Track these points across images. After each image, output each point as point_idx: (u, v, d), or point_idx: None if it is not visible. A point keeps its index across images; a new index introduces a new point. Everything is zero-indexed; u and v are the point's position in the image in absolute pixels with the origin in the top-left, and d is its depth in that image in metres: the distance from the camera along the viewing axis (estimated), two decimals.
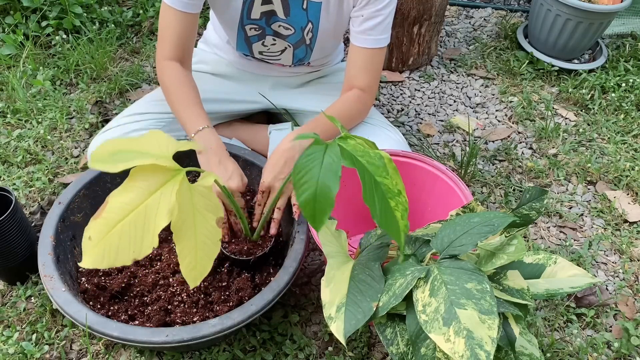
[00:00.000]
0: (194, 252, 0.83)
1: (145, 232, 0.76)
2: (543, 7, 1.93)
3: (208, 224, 0.83)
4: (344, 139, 0.81)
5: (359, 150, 0.80)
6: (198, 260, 0.83)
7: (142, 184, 0.77)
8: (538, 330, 1.21)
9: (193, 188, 0.81)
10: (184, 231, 0.80)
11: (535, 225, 1.47)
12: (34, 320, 1.18)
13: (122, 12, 2.09)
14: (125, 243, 0.75)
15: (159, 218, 0.76)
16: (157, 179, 0.78)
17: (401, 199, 0.81)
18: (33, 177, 1.48)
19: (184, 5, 1.16)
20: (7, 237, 1.14)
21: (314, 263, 1.33)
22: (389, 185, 0.80)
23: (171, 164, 0.79)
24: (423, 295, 0.80)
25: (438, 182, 1.20)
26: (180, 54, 1.22)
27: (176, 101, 1.21)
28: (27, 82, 1.78)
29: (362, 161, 0.79)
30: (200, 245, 0.83)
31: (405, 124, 1.77)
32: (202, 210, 0.82)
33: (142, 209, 0.76)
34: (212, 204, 0.83)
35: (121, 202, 0.76)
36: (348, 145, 0.80)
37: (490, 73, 2.00)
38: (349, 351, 1.16)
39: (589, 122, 1.80)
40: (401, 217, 0.81)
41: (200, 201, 0.82)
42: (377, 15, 1.20)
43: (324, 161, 0.74)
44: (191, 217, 0.81)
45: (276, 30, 1.29)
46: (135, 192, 0.77)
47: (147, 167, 0.78)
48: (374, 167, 0.79)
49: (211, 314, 1.08)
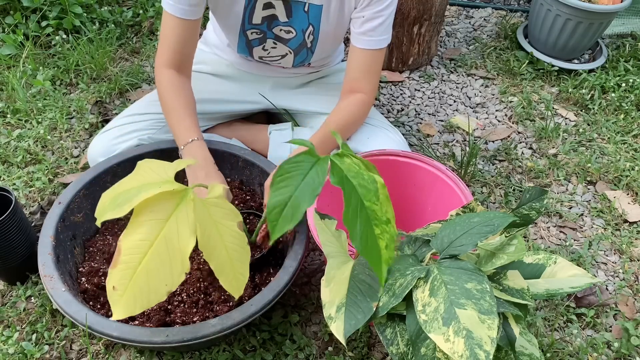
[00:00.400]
0: (230, 263, 0.81)
1: (173, 261, 0.73)
2: (543, 7, 1.93)
3: (233, 232, 0.82)
4: (340, 156, 0.77)
5: (352, 171, 0.76)
6: (236, 269, 0.82)
7: (152, 215, 0.75)
8: (538, 330, 1.21)
9: (207, 202, 0.80)
10: (212, 246, 0.79)
11: (535, 225, 1.47)
12: (34, 320, 1.18)
13: (122, 12, 2.09)
14: (154, 279, 0.73)
15: (182, 242, 0.73)
16: (167, 205, 0.75)
17: (389, 228, 0.77)
18: (33, 177, 1.48)
19: (184, 12, 1.16)
20: (7, 237, 1.14)
21: (314, 263, 1.33)
22: (377, 212, 0.75)
23: (176, 186, 0.78)
24: (423, 295, 0.80)
25: (438, 182, 1.20)
26: (179, 61, 1.22)
27: (169, 110, 1.21)
28: (27, 82, 1.78)
29: (352, 182, 0.74)
30: (232, 255, 0.82)
31: (405, 124, 1.77)
32: (222, 220, 0.81)
33: (162, 239, 0.73)
34: (229, 212, 0.82)
35: (136, 241, 0.73)
36: (342, 163, 0.76)
37: (490, 73, 2.00)
38: (349, 351, 1.16)
39: (589, 122, 1.80)
40: (385, 247, 0.77)
41: (217, 212, 0.81)
42: (378, 16, 1.20)
43: (307, 175, 0.70)
44: (215, 230, 0.80)
45: (277, 34, 1.29)
46: (147, 225, 0.74)
47: (149, 199, 0.75)
48: (364, 190, 0.74)
49: (211, 314, 1.08)
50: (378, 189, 0.76)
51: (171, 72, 1.22)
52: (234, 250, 0.82)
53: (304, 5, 1.22)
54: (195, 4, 1.16)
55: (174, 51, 1.21)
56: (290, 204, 0.66)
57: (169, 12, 1.17)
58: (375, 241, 0.76)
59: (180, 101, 1.21)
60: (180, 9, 1.16)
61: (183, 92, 1.22)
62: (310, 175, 0.70)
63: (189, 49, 1.23)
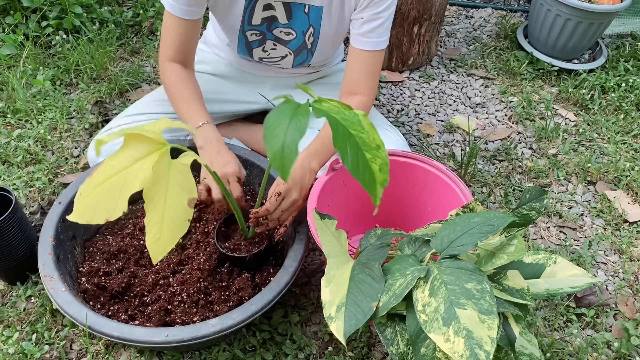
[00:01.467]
0: (160, 225, 0.84)
1: (120, 196, 0.79)
2: (543, 7, 1.93)
3: (179, 202, 0.85)
4: (318, 101, 0.82)
5: (333, 110, 0.81)
6: (162, 234, 0.85)
7: (131, 152, 0.81)
8: (538, 330, 1.21)
9: (172, 163, 0.84)
10: (154, 202, 0.83)
11: (535, 225, 1.47)
12: (34, 320, 1.18)
13: (122, 12, 2.09)
14: (102, 202, 0.79)
15: (133, 183, 0.79)
16: (143, 148, 0.82)
17: (380, 153, 0.80)
18: (33, 177, 1.48)
19: (184, 12, 1.18)
20: (7, 237, 1.14)
21: (314, 263, 1.33)
22: (365, 139, 0.79)
23: (157, 137, 0.83)
24: (423, 295, 0.80)
25: (438, 182, 1.20)
26: (182, 57, 1.25)
27: (177, 98, 1.23)
28: (27, 82, 1.78)
29: (336, 117, 0.79)
30: (167, 220, 0.84)
31: (405, 124, 1.77)
32: (175, 186, 0.84)
33: (123, 174, 0.80)
34: (187, 182, 0.85)
35: (110, 165, 0.80)
36: (322, 106, 0.81)
37: (490, 73, 2.00)
38: (349, 351, 1.16)
39: (589, 122, 1.80)
40: (379, 170, 0.80)
41: (176, 176, 0.84)
42: (377, 18, 1.20)
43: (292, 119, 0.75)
44: (164, 189, 0.83)
45: (277, 35, 1.29)
46: (123, 157, 0.81)
47: (138, 137, 0.82)
48: (348, 122, 0.79)
49: (211, 314, 1.08)
50: (361, 120, 0.81)
51: (176, 65, 1.25)
52: (171, 218, 0.85)
53: (304, 6, 1.22)
54: (195, 4, 1.17)
55: (176, 48, 1.23)
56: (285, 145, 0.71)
57: (170, 11, 1.18)
58: (368, 164, 0.79)
59: (188, 88, 1.24)
60: (180, 9, 1.17)
61: (190, 80, 1.25)
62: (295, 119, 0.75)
63: (190, 47, 1.25)
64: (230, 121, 1.51)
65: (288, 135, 0.73)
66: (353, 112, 0.82)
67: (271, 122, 0.75)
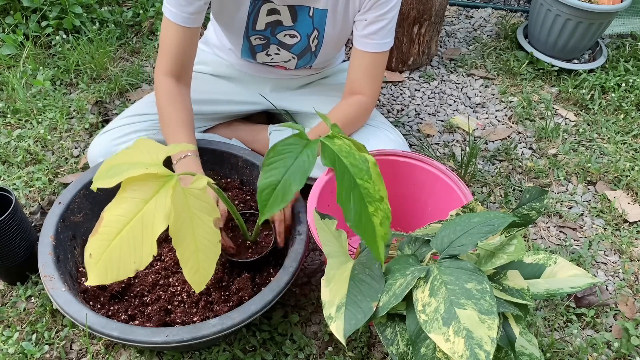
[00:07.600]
0: (195, 256, 0.82)
1: (145, 241, 0.76)
2: (543, 7, 1.93)
3: (206, 226, 0.83)
4: (331, 137, 0.79)
5: (344, 151, 0.77)
6: (200, 263, 0.83)
7: (135, 194, 0.77)
8: (538, 330, 1.21)
9: (187, 191, 0.81)
10: (182, 235, 0.80)
11: (535, 225, 1.47)
12: (34, 320, 1.18)
13: (122, 12, 2.09)
14: (125, 255, 0.76)
15: (156, 225, 0.76)
16: (150, 187, 0.78)
17: (382, 205, 0.78)
18: (33, 177, 1.48)
19: (184, 19, 1.16)
20: (7, 237, 1.14)
21: (314, 263, 1.33)
22: (370, 190, 0.77)
23: (162, 170, 0.79)
24: (423, 295, 0.80)
25: (438, 182, 1.20)
26: (179, 69, 1.22)
27: (164, 123, 1.21)
28: (27, 82, 1.78)
29: (344, 161, 0.76)
30: (200, 248, 0.82)
31: (405, 124, 1.77)
32: (198, 212, 0.82)
33: (139, 219, 0.76)
34: (207, 206, 0.83)
35: (116, 215, 0.76)
36: (333, 144, 0.77)
37: (490, 73, 2.00)
38: (349, 351, 1.16)
39: (589, 122, 1.80)
40: (380, 224, 0.78)
41: (195, 203, 0.82)
42: (381, 19, 1.20)
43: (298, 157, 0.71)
44: (188, 220, 0.81)
45: (281, 40, 1.28)
46: (129, 203, 0.77)
47: (138, 177, 0.78)
48: (356, 169, 0.76)
49: (211, 314, 1.08)
50: (370, 167, 0.77)
51: (170, 80, 1.21)
52: (203, 244, 0.83)
53: (309, 9, 1.22)
54: (195, 12, 1.16)
55: (173, 59, 1.20)
56: (281, 185, 0.68)
57: (170, 19, 1.16)
58: (370, 218, 0.77)
59: (178, 113, 1.20)
60: (180, 16, 1.15)
61: (180, 104, 1.21)
62: (301, 157, 0.72)
63: (188, 56, 1.22)
64: (230, 121, 1.51)
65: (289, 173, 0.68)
66: (364, 157, 0.78)
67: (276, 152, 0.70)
